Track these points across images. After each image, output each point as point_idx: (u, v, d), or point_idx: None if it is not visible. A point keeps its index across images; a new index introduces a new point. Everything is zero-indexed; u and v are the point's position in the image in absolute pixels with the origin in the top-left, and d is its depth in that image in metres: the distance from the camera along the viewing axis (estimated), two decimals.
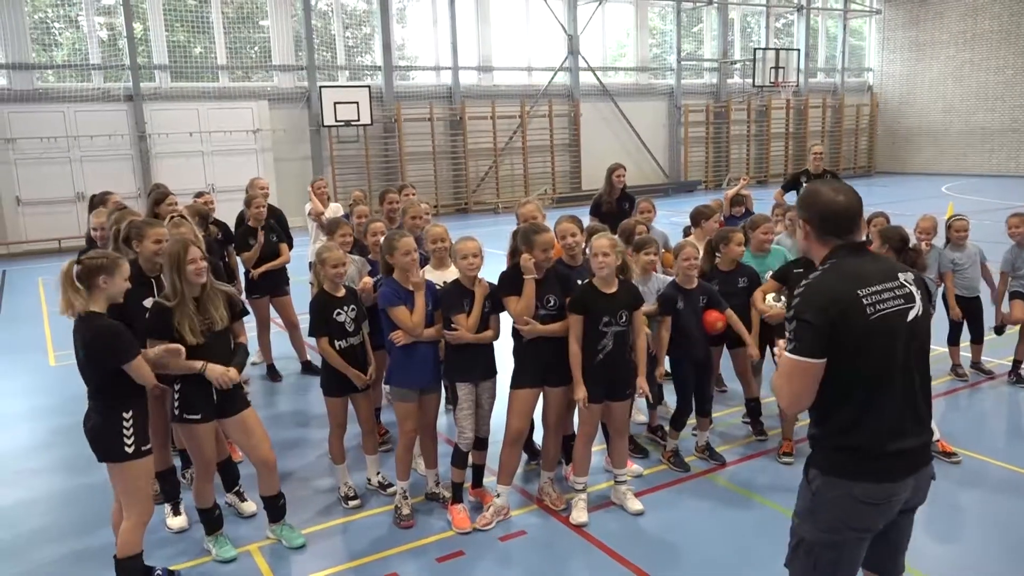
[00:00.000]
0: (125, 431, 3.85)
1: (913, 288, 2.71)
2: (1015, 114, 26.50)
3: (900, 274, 2.73)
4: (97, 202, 6.75)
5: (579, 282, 4.79)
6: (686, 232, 6.89)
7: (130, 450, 3.86)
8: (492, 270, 4.81)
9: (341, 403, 4.99)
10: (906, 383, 2.67)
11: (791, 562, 2.86)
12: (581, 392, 4.56)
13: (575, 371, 4.58)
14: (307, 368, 7.83)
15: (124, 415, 3.86)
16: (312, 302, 4.94)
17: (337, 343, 4.83)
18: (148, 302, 4.40)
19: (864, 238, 2.81)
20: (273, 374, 7.78)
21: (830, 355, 2.59)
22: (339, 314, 4.83)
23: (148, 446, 3.95)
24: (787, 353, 2.66)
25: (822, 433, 2.75)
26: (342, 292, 4.92)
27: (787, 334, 2.67)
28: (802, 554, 2.79)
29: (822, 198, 2.75)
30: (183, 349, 4.02)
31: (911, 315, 2.67)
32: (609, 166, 8.31)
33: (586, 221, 6.33)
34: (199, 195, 7.46)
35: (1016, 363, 6.93)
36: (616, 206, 8.03)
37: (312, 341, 4.98)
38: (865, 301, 2.59)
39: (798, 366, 2.62)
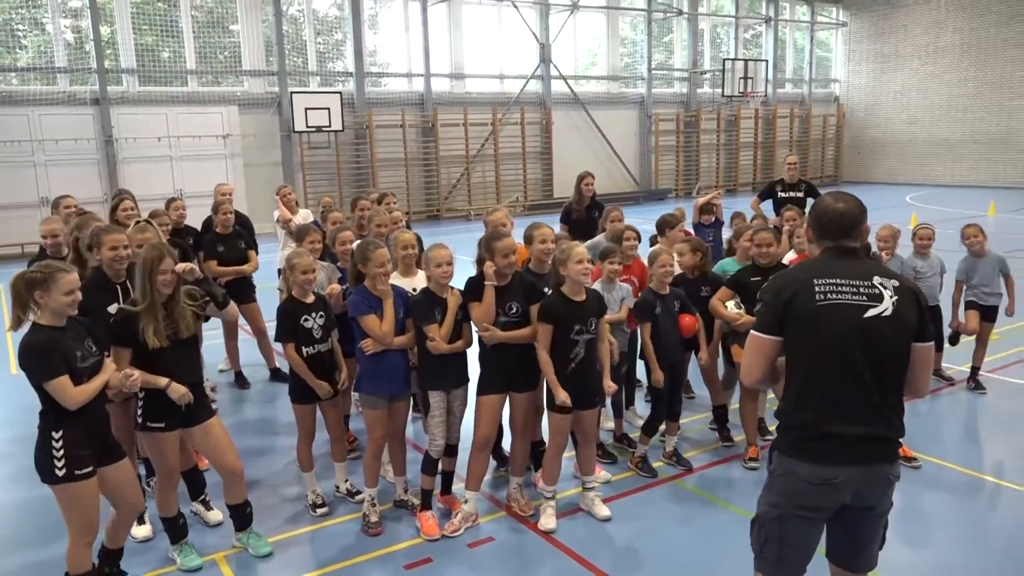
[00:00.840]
0: (55, 452, 3.67)
1: (887, 291, 2.82)
2: (977, 126, 27.09)
3: (878, 277, 2.86)
4: (52, 207, 6.65)
5: (545, 290, 4.81)
6: (652, 240, 6.96)
7: (60, 473, 3.67)
8: (463, 278, 4.82)
9: (309, 410, 4.97)
10: (853, 372, 2.80)
11: (752, 540, 3.06)
12: (562, 395, 4.54)
13: (549, 376, 4.58)
14: (275, 375, 7.77)
15: (54, 435, 3.68)
16: (280, 308, 4.92)
17: (305, 349, 4.81)
18: (113, 308, 4.34)
19: (857, 245, 2.99)
20: (241, 381, 7.71)
21: (784, 335, 2.88)
22: (307, 320, 4.81)
23: (85, 470, 3.71)
24: (752, 330, 2.98)
25: (779, 411, 3.00)
26: (311, 299, 4.90)
27: (755, 314, 3.03)
28: (756, 529, 3.02)
29: (822, 205, 3.00)
30: (137, 375, 3.85)
31: (871, 312, 2.79)
32: (578, 174, 8.36)
33: (556, 229, 6.37)
34: (171, 202, 7.35)
35: (974, 369, 7.08)
36: (586, 214, 8.08)
37: (280, 347, 4.95)
38: (817, 288, 2.82)
39: (753, 339, 2.97)
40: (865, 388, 2.81)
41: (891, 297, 2.82)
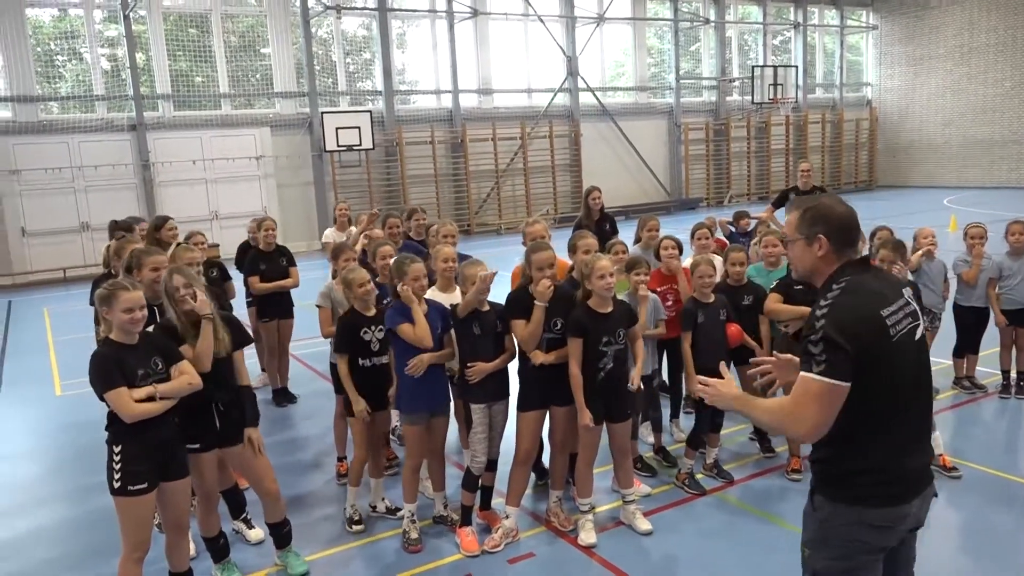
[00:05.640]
0: (114, 465, 3.77)
1: (915, 304, 2.69)
2: (1014, 126, 26.57)
3: (904, 290, 2.71)
4: (125, 228, 6.90)
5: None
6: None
7: (116, 485, 3.77)
8: (497, 293, 4.81)
9: (366, 423, 4.97)
10: (916, 402, 2.64)
11: None
12: (586, 416, 4.56)
13: (577, 395, 4.57)
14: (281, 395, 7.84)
15: (115, 448, 3.78)
16: (341, 319, 5.01)
17: (361, 361, 4.90)
18: (150, 328, 4.39)
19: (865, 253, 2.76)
20: (288, 397, 7.81)
21: (856, 379, 2.49)
22: (366, 333, 4.90)
23: (139, 486, 3.78)
24: (815, 376, 2.48)
25: (831, 456, 2.64)
26: (372, 311, 4.96)
27: (814, 355, 2.49)
28: None
29: (837, 211, 2.68)
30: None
31: (918, 333, 2.64)
32: (585, 189, 8.43)
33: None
34: (190, 236, 7.31)
35: (1020, 374, 6.91)
36: (596, 228, 8.04)
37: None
38: (888, 322, 2.53)
39: (826, 389, 2.46)
40: (923, 415, 2.68)
41: (920, 310, 2.69)
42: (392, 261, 4.99)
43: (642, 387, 4.92)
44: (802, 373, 2.53)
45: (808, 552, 2.73)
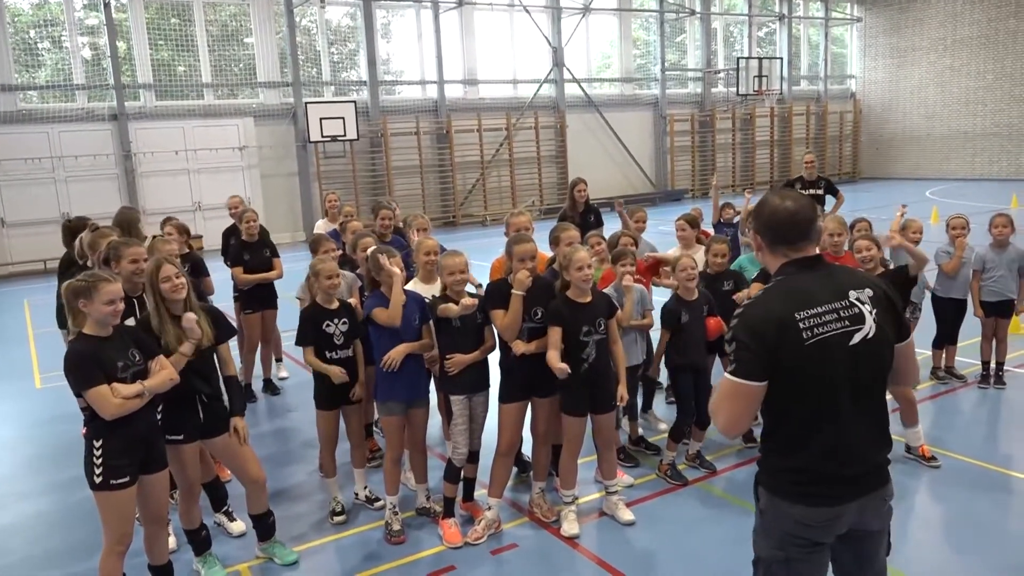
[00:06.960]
0: (95, 459, 3.74)
1: (865, 308, 2.56)
2: (996, 118, 26.80)
3: (853, 291, 2.58)
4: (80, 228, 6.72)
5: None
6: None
7: (97, 480, 3.75)
8: (481, 283, 4.80)
9: (332, 416, 4.99)
10: (848, 407, 2.56)
11: None
12: (559, 367, 4.41)
13: (553, 362, 4.46)
14: (266, 385, 7.85)
15: (95, 443, 3.76)
16: (302, 313, 4.96)
17: (328, 354, 4.87)
18: (130, 321, 4.37)
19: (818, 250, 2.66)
20: (272, 388, 7.80)
21: (770, 377, 2.51)
22: (329, 326, 4.86)
23: (120, 480, 3.76)
24: (727, 374, 2.56)
25: (767, 450, 2.71)
26: (335, 305, 4.94)
27: (729, 354, 2.57)
28: (761, 571, 2.77)
29: (768, 206, 2.65)
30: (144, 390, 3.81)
31: (856, 338, 2.53)
32: (571, 181, 8.46)
33: None
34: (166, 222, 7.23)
35: (999, 365, 6.96)
36: (581, 220, 8.04)
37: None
38: (802, 325, 2.48)
39: (736, 388, 2.53)
40: (861, 420, 2.59)
41: (871, 313, 2.56)
42: (369, 251, 4.95)
43: (626, 397, 4.90)
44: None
45: (755, 538, 2.80)
